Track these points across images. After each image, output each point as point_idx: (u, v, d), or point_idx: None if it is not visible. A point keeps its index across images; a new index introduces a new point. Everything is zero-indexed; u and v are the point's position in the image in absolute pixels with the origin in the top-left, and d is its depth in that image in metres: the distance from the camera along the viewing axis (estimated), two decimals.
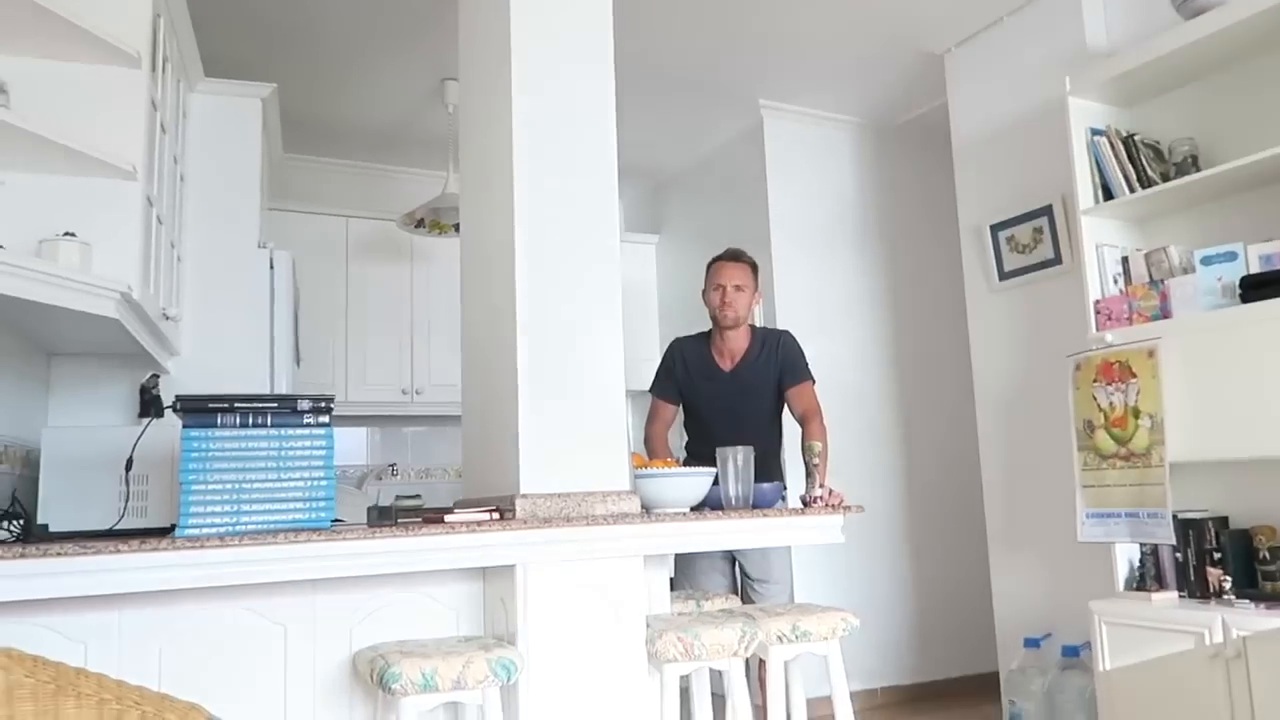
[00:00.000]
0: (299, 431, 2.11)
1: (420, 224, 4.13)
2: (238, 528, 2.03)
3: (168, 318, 2.89)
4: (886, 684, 4.41)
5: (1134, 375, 2.93)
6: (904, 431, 4.68)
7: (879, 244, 4.79)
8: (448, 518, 2.27)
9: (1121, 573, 3.03)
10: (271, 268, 3.33)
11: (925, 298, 4.81)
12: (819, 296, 4.58)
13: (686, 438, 3.53)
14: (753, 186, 4.64)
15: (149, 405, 2.92)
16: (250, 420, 2.08)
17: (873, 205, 4.81)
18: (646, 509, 2.53)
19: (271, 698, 2.22)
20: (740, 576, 3.38)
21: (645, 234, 5.49)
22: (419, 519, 2.38)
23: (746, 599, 3.31)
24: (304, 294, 4.37)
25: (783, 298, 4.46)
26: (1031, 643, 3.43)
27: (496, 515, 2.32)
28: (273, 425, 2.09)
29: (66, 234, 2.32)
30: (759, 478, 2.94)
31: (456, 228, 3.90)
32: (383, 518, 2.23)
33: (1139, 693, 2.79)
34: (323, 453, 2.13)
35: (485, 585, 2.45)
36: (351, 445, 4.89)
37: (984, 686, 4.12)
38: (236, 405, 2.07)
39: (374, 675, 2.08)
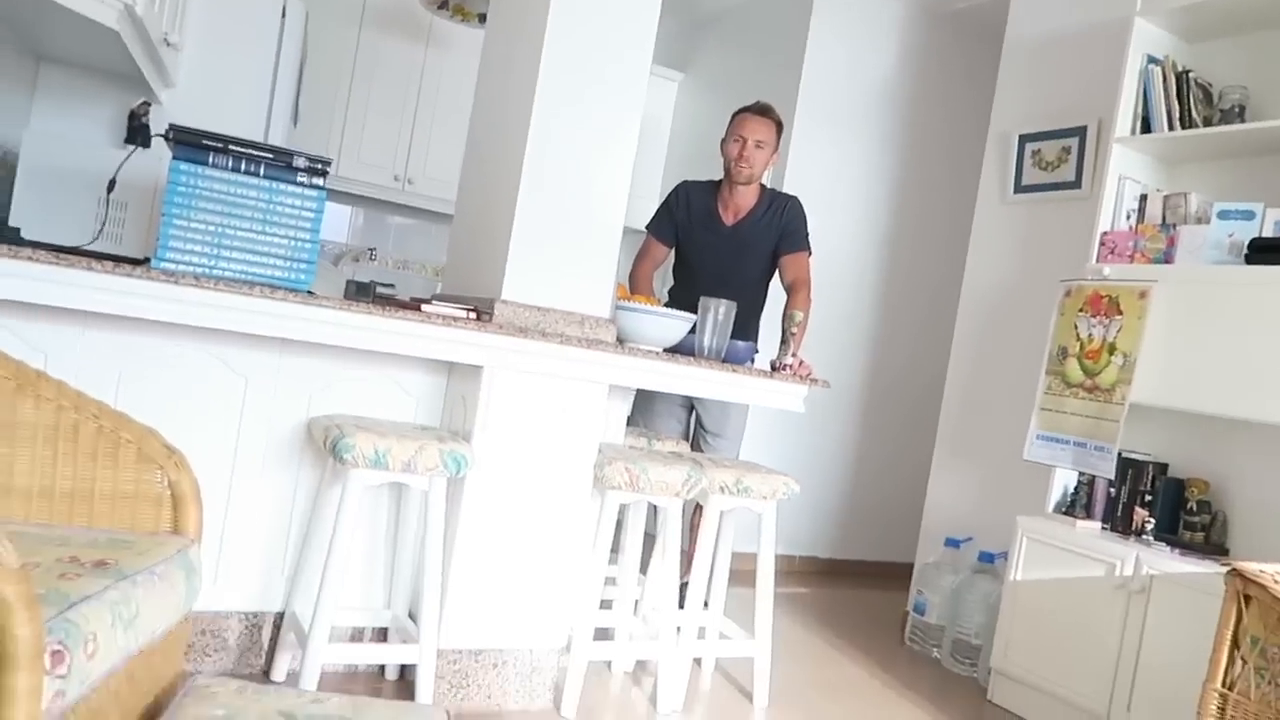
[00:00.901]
0: (291, 188, 2.06)
1: (444, 5, 3.91)
2: (214, 271, 2.00)
3: (168, 44, 2.75)
4: (806, 554, 4.60)
5: (1120, 312, 2.95)
6: (883, 321, 4.70)
7: (903, 133, 4.67)
8: (425, 307, 2.26)
9: (1054, 497, 3.13)
10: (283, 16, 3.17)
11: (935, 197, 4.74)
12: (832, 170, 4.49)
13: (672, 282, 3.51)
14: (791, 44, 4.46)
15: (136, 132, 2.82)
16: (243, 166, 2.02)
17: (907, 91, 4.66)
18: (621, 341, 2.54)
19: (223, 444, 2.25)
20: (695, 426, 3.45)
21: (670, 69, 5.29)
22: (396, 303, 2.37)
23: (697, 448, 3.38)
24: (311, 54, 4.18)
25: (795, 164, 4.37)
26: (952, 542, 3.57)
27: (474, 315, 2.31)
28: (265, 176, 2.04)
29: None
30: (736, 336, 2.96)
31: (482, 18, 3.72)
32: (360, 293, 2.21)
33: (1041, 605, 2.94)
34: (311, 214, 2.08)
35: (450, 381, 2.48)
36: (334, 221, 4.80)
37: (898, 575, 4.31)
38: (231, 147, 2.00)
39: (327, 442, 2.12)
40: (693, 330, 2.68)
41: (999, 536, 3.35)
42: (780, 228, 3.30)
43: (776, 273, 3.35)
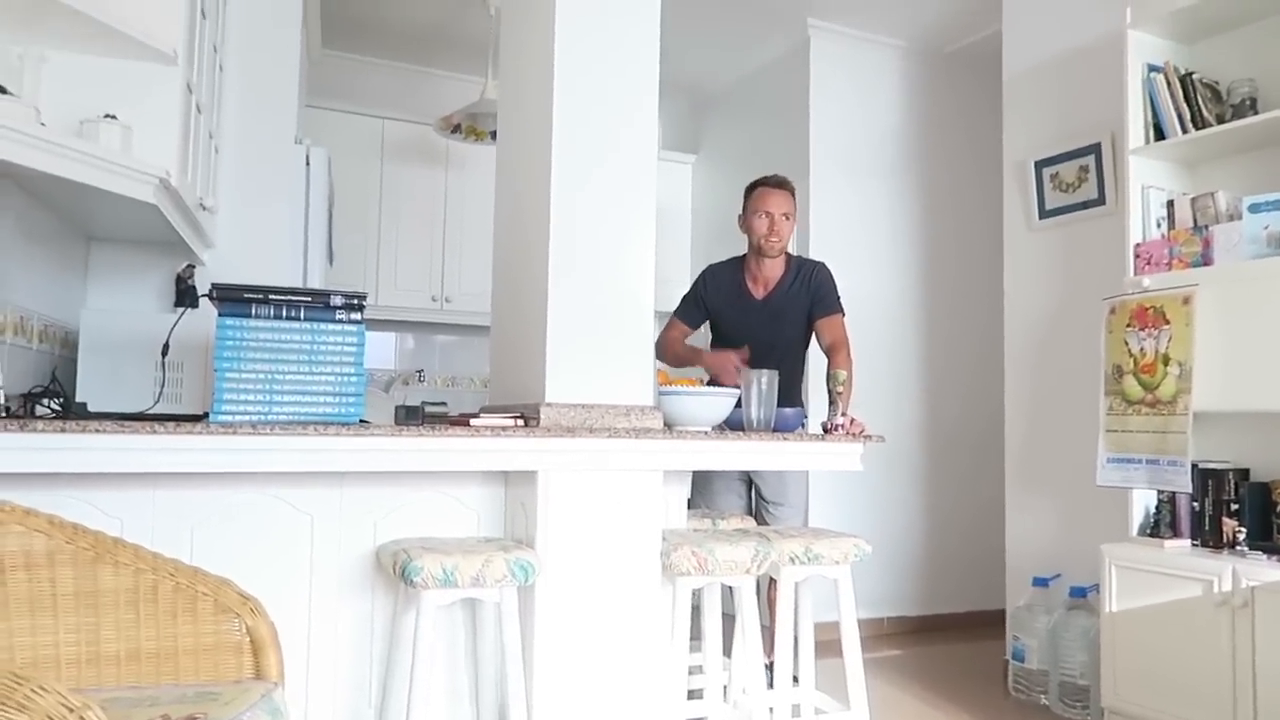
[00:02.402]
0: (331, 326, 2.14)
1: (457, 129, 4.09)
2: (269, 417, 2.08)
3: (205, 208, 2.90)
4: (893, 614, 4.49)
5: (1167, 322, 2.90)
6: (930, 366, 4.67)
7: (919, 176, 4.71)
8: (473, 421, 2.31)
9: (1136, 519, 3.05)
10: (308, 164, 3.33)
11: (962, 233, 4.75)
12: (855, 225, 4.53)
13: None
14: (795, 109, 4.56)
15: (184, 295, 2.96)
16: (284, 313, 2.10)
17: (915, 135, 4.72)
18: (669, 425, 2.56)
19: (298, 583, 2.29)
20: (756, 499, 3.43)
21: (682, 153, 5.42)
22: (445, 421, 2.42)
23: (761, 521, 3.35)
24: (338, 194, 4.37)
25: (818, 225, 4.42)
26: (1040, 582, 3.47)
27: (521, 422, 2.35)
28: (305, 319, 2.12)
29: (107, 116, 2.33)
30: (781, 404, 2.96)
31: (493, 135, 3.87)
32: (409, 417, 2.27)
33: (1142, 635, 2.83)
34: (354, 349, 2.16)
35: (507, 490, 2.50)
36: (380, 349, 4.94)
37: (990, 623, 4.17)
38: (271, 297, 2.09)
39: (396, 568, 2.15)
40: (739, 405, 2.70)
41: (1088, 568, 3.25)
42: (811, 294, 3.32)
43: (814, 338, 3.36)
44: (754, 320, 3.35)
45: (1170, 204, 3.04)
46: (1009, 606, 3.65)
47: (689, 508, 3.28)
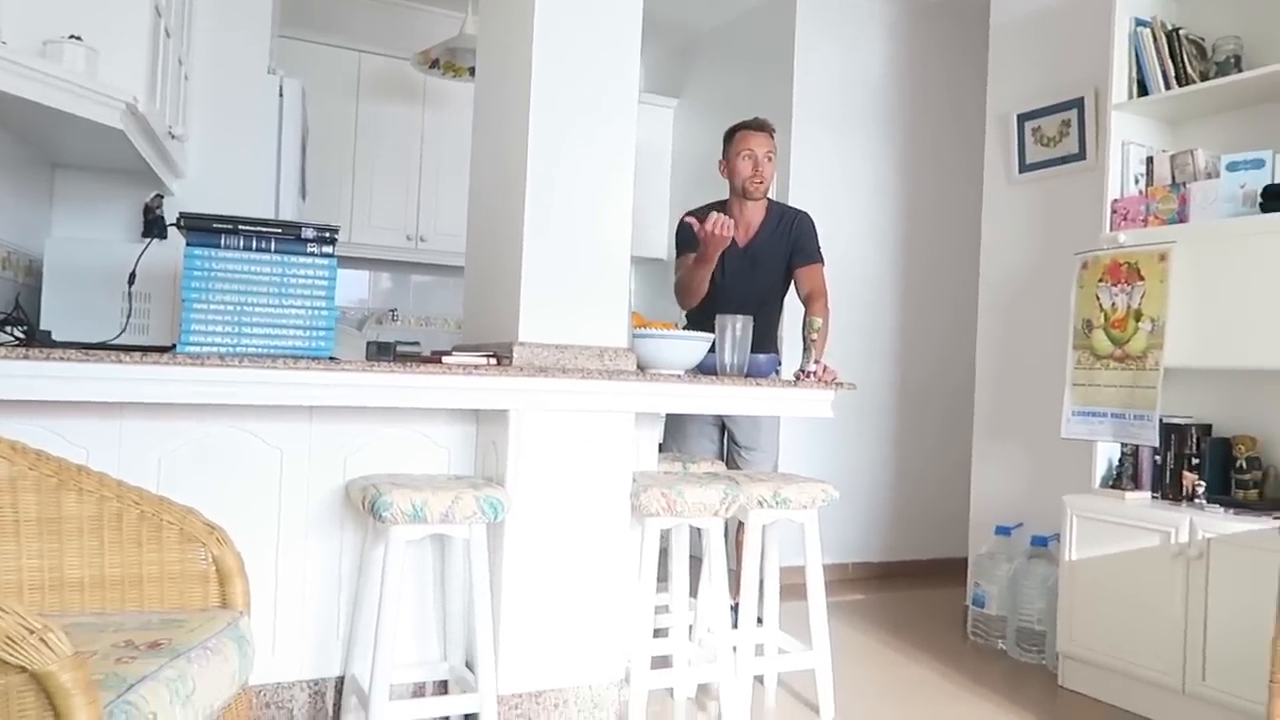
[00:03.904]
0: (302, 259, 2.11)
1: (435, 65, 4.01)
2: (238, 349, 2.05)
3: (173, 136, 2.84)
4: (859, 559, 4.56)
5: (1141, 278, 2.92)
6: (905, 317, 4.69)
7: (902, 127, 4.68)
8: (445, 359, 2.30)
9: (1099, 471, 3.09)
10: (281, 95, 3.26)
11: (942, 186, 4.74)
12: (835, 176, 4.50)
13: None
14: (779, 56, 4.50)
15: (152, 225, 2.90)
16: (254, 244, 2.07)
17: (899, 86, 4.68)
18: (642, 368, 2.56)
19: (266, 517, 2.29)
20: (729, 443, 3.45)
21: (665, 96, 5.35)
22: (417, 359, 2.41)
23: (733, 465, 3.38)
24: (313, 128, 4.28)
25: (798, 174, 4.39)
26: (1002, 530, 3.53)
27: (494, 361, 2.35)
28: (276, 251, 2.09)
29: (72, 37, 2.26)
30: (756, 351, 2.96)
31: (472, 71, 3.80)
32: (381, 353, 2.25)
33: (1100, 584, 2.89)
34: (325, 282, 2.13)
35: (479, 428, 2.51)
36: (353, 287, 4.90)
37: (953, 571, 4.25)
38: (241, 228, 2.06)
39: (365, 503, 2.15)
40: (713, 349, 2.70)
41: (1050, 519, 3.30)
42: (791, 242, 3.31)
43: (792, 286, 3.36)
44: (734, 267, 3.33)
45: (1150, 160, 3.05)
46: (971, 554, 3.72)
47: (661, 451, 3.31)
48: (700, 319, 3.32)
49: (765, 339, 3.38)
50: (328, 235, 2.13)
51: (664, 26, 5.16)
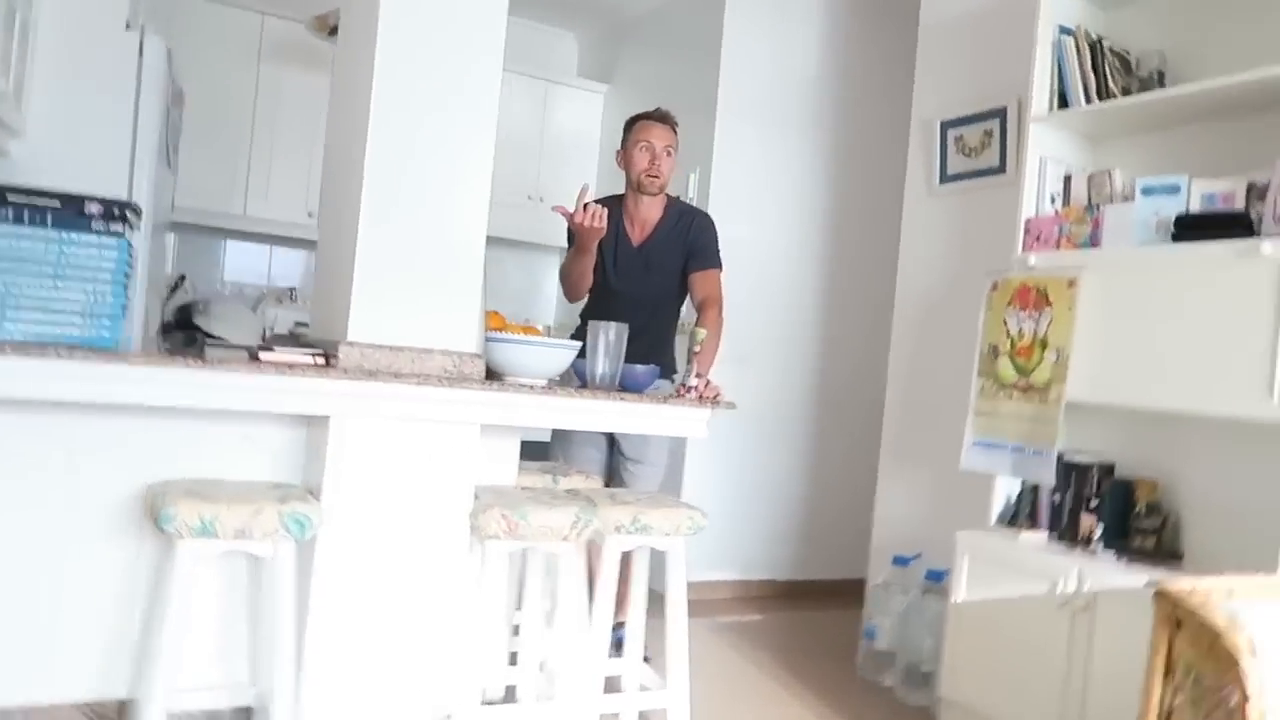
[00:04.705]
0: (85, 237, 1.86)
1: (334, 31, 3.73)
2: (2, 335, 1.80)
3: None
4: (763, 577, 4.37)
5: (1049, 304, 2.74)
6: (825, 329, 4.49)
7: (831, 128, 4.47)
8: (262, 355, 2.06)
9: (997, 506, 2.92)
10: (141, 54, 2.97)
11: (869, 193, 4.53)
12: (759, 174, 4.29)
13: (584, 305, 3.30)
14: (708, 46, 4.27)
15: None
16: (26, 217, 1.82)
17: (832, 84, 4.46)
18: (498, 375, 2.34)
19: (50, 521, 2.04)
20: (615, 455, 3.24)
21: (595, 82, 5.12)
22: (244, 352, 2.17)
23: (618, 479, 3.17)
24: (210, 94, 4.00)
25: (721, 169, 4.18)
26: (900, 560, 3.35)
27: (321, 360, 2.11)
28: (54, 226, 1.84)
29: None
30: (651, 360, 2.76)
31: None
32: (185, 344, 2.01)
33: (986, 628, 2.71)
34: (111, 264, 1.88)
35: (309, 432, 2.26)
36: (252, 263, 4.63)
37: (859, 593, 4.05)
38: (10, 199, 1.80)
39: (150, 512, 1.91)
40: (584, 355, 2.49)
41: (948, 552, 3.12)
42: (688, 243, 3.09)
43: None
44: (625, 266, 3.12)
45: (1068, 179, 2.87)
46: (869, 583, 3.54)
47: (550, 459, 3.09)
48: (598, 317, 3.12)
49: (660, 349, 3.17)
50: (118, 212, 1.88)
51: (596, 10, 4.93)
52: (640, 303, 3.09)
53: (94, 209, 1.85)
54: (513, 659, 2.62)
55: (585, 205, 2.74)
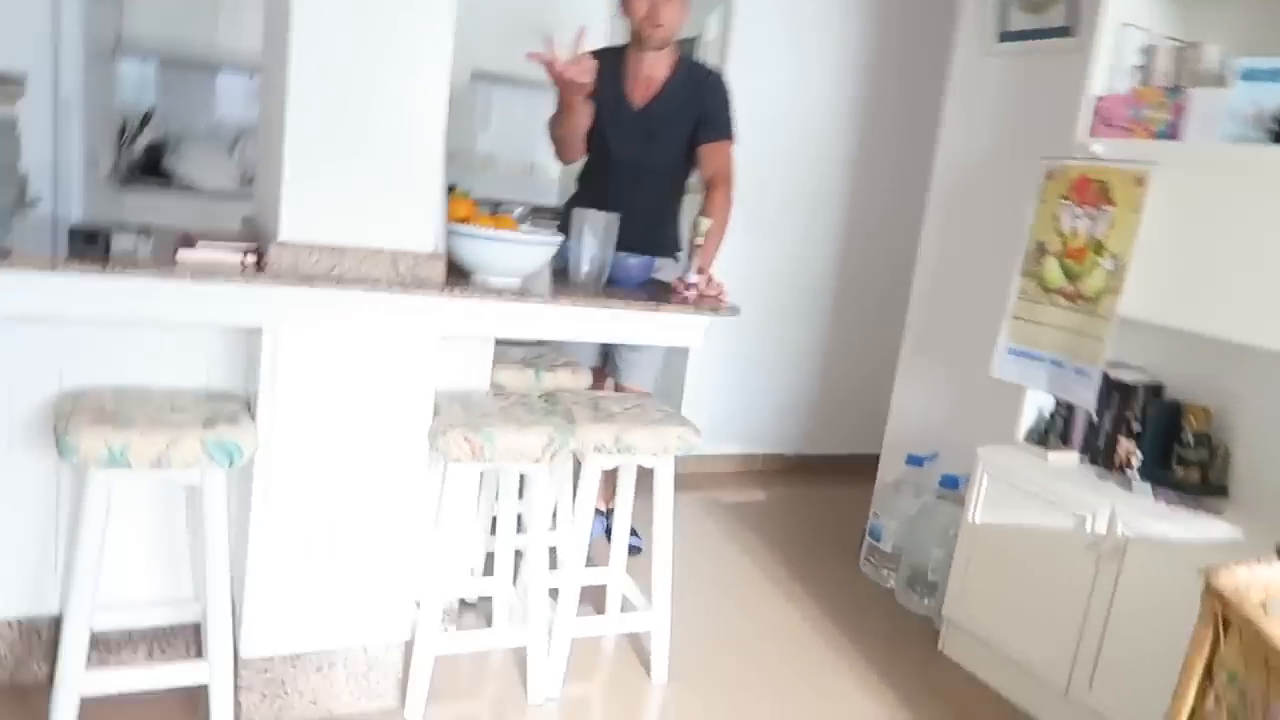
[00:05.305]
0: None
1: None
2: None
3: None
4: (770, 450, 4.17)
5: (1111, 202, 2.35)
6: (851, 198, 4.08)
7: None
8: (180, 254, 1.77)
9: (1026, 420, 2.64)
10: None
11: (910, 47, 3.99)
12: (785, 15, 3.75)
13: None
14: None
15: None
16: None
17: None
18: (465, 273, 2.04)
19: None
20: (612, 345, 2.96)
21: None
22: (153, 255, 1.87)
23: (612, 366, 2.91)
24: None
25: (743, 8, 3.66)
26: (914, 460, 3.12)
27: (254, 259, 1.81)
28: None
29: None
30: (650, 244, 2.50)
31: None
32: (88, 245, 1.71)
33: (1000, 555, 2.50)
34: None
35: (247, 336, 1.99)
36: (225, 98, 4.23)
37: (871, 469, 3.77)
38: None
39: (55, 437, 1.68)
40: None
41: (966, 457, 2.87)
42: (698, 108, 2.68)
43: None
44: (624, 133, 2.72)
45: (1150, 51, 2.40)
46: (879, 479, 3.33)
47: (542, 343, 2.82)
48: (592, 188, 2.78)
49: (661, 230, 2.84)
50: None
51: None
52: (641, 173, 2.74)
53: None
54: (489, 567, 2.46)
55: (579, 57, 2.33)
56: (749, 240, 3.71)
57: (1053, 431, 2.61)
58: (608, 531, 2.77)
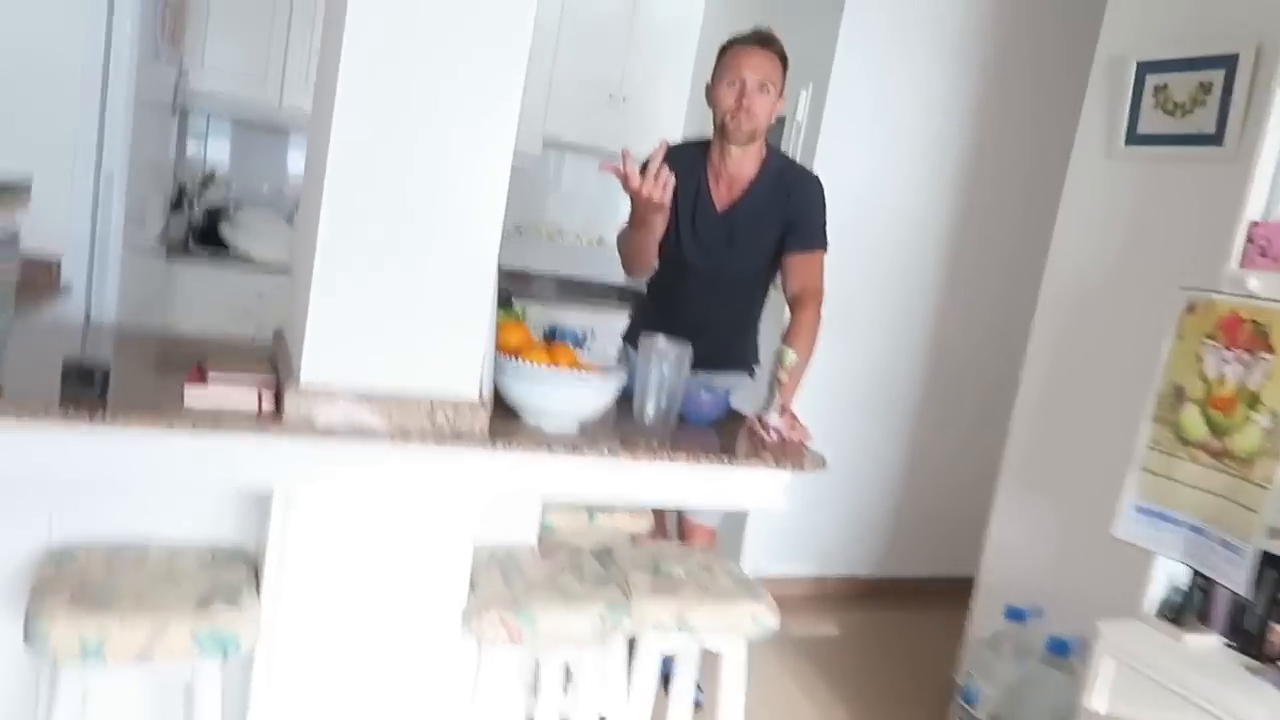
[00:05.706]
0: None
1: None
2: None
3: None
4: (842, 573, 3.80)
5: (1270, 348, 2.00)
6: (948, 297, 3.75)
7: (984, 50, 3.58)
8: (188, 393, 1.51)
9: (1157, 590, 2.26)
10: None
11: (1024, 140, 3.67)
12: (885, 95, 3.47)
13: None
14: None
15: None
16: None
17: (989, 3, 3.57)
18: (515, 414, 1.76)
19: None
20: None
21: None
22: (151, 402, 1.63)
23: None
24: None
25: (839, 87, 3.38)
26: (1015, 614, 2.73)
27: (271, 397, 1.56)
28: None
29: None
30: (725, 359, 2.32)
31: None
32: (80, 385, 1.47)
33: None
34: None
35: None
36: (287, 162, 4.10)
37: (960, 593, 3.36)
38: None
39: (24, 621, 1.43)
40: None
41: (1077, 613, 2.50)
42: (789, 212, 2.39)
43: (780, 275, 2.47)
44: (706, 237, 2.44)
45: None
46: (971, 629, 2.95)
47: None
48: (659, 306, 2.53)
49: (737, 342, 2.55)
50: None
51: None
52: (719, 281, 2.46)
53: None
54: None
55: (659, 169, 2.06)
56: (826, 332, 3.39)
57: (1189, 608, 2.23)
58: (665, 678, 2.45)
